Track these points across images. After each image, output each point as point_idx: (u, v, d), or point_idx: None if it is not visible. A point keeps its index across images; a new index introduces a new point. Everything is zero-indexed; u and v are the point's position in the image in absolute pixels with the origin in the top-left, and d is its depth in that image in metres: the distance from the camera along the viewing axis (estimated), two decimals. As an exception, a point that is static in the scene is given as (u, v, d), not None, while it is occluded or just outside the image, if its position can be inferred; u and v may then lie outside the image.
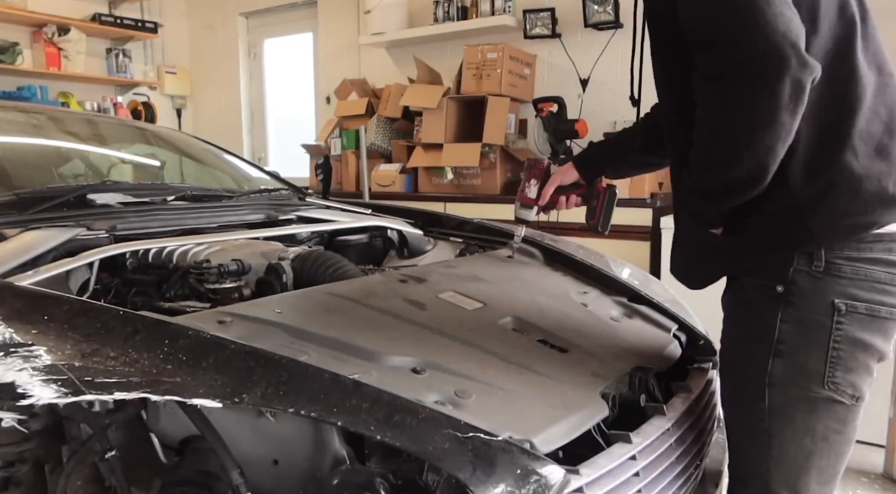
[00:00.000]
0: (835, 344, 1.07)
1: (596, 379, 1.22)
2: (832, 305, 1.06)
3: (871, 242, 1.05)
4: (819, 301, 1.07)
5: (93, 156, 2.53)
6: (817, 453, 1.11)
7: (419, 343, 1.21)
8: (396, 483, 0.92)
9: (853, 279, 1.06)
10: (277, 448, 0.99)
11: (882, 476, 2.66)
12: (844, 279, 1.06)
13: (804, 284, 1.08)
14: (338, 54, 5.16)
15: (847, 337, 1.07)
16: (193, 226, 1.79)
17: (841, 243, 1.06)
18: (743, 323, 1.18)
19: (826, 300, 1.07)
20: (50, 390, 0.88)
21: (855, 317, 1.06)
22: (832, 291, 1.06)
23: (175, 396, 0.88)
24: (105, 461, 1.03)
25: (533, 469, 0.87)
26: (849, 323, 1.06)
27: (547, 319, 1.44)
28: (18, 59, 4.89)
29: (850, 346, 1.07)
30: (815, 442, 1.11)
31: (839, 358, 1.07)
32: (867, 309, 1.07)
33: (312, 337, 1.15)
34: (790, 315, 1.09)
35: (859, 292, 1.06)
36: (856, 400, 1.10)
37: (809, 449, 1.11)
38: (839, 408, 1.09)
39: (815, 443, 1.11)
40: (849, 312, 1.06)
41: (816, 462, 1.12)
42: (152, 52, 5.87)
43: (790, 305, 1.09)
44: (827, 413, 1.10)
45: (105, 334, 1.00)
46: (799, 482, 1.13)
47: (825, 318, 1.07)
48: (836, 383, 1.08)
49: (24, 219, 1.55)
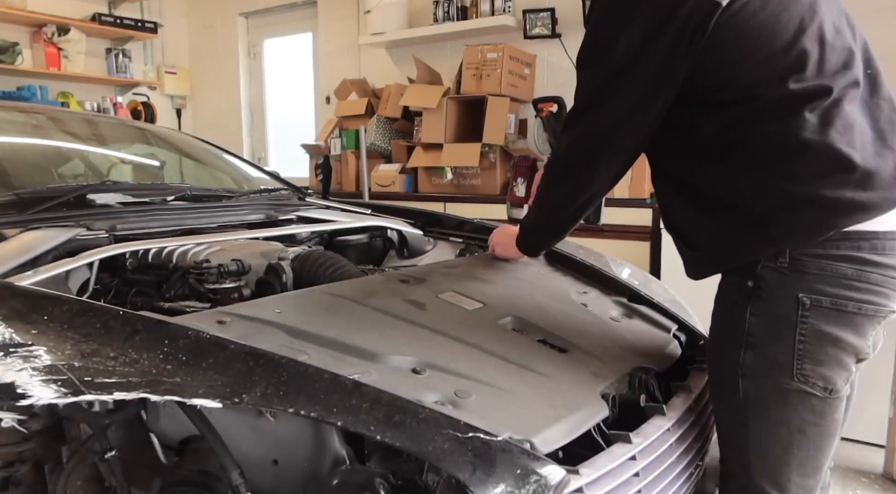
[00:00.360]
0: (801, 336, 1.09)
1: (596, 379, 1.22)
2: (797, 299, 1.09)
3: (838, 240, 1.07)
4: (785, 295, 1.10)
5: (93, 156, 2.53)
6: (795, 445, 1.13)
7: (419, 343, 1.21)
8: (396, 483, 0.92)
9: (818, 275, 1.08)
10: (277, 449, 0.99)
11: (882, 477, 2.66)
12: (810, 275, 1.09)
13: (771, 279, 1.11)
14: (338, 54, 5.16)
15: (813, 331, 1.09)
16: (193, 226, 1.79)
17: (804, 245, 1.09)
18: (720, 318, 1.22)
19: (791, 294, 1.10)
20: (50, 390, 0.88)
21: (820, 311, 1.09)
22: (797, 286, 1.09)
23: (175, 396, 0.88)
24: (105, 461, 1.03)
25: (533, 469, 0.87)
26: (814, 316, 1.09)
27: (547, 319, 1.44)
28: (18, 59, 4.89)
29: (817, 339, 1.09)
30: (791, 435, 1.13)
31: (806, 350, 1.10)
32: (832, 303, 1.08)
33: (312, 337, 1.15)
34: (759, 308, 1.13)
35: (825, 287, 1.08)
36: (829, 393, 1.11)
37: (787, 441, 1.14)
38: (813, 401, 1.11)
39: (791, 435, 1.13)
40: (813, 306, 1.09)
41: (796, 453, 1.14)
42: (152, 52, 5.87)
43: (759, 299, 1.13)
44: (801, 405, 1.12)
45: (105, 334, 1.00)
46: (779, 474, 1.15)
47: (790, 312, 1.10)
48: (805, 375, 1.10)
49: (23, 219, 1.55)
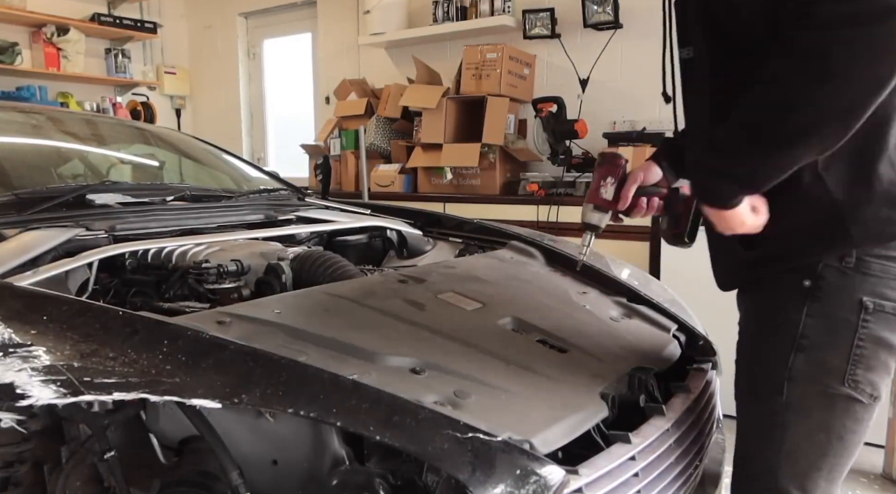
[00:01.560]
0: (859, 341, 1.06)
1: (595, 380, 1.22)
2: (860, 303, 1.06)
3: None
4: (847, 298, 1.06)
5: (92, 157, 2.53)
6: (832, 451, 1.11)
7: (418, 343, 1.21)
8: (396, 483, 0.92)
9: (882, 277, 1.05)
10: (277, 449, 0.99)
11: (881, 477, 2.66)
12: (874, 277, 1.05)
13: (833, 280, 1.07)
14: (337, 54, 5.16)
15: (871, 336, 1.06)
16: (193, 226, 1.79)
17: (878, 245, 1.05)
18: (765, 316, 1.16)
19: (854, 297, 1.06)
20: (49, 390, 0.87)
21: (881, 316, 1.06)
22: (861, 289, 1.06)
23: (174, 396, 0.88)
24: (104, 461, 1.02)
25: (532, 469, 0.87)
26: (875, 321, 1.06)
27: (546, 319, 1.44)
28: (18, 60, 4.89)
29: (874, 345, 1.07)
30: (829, 440, 1.10)
31: (861, 356, 1.07)
32: (894, 308, 1.06)
33: (311, 337, 1.14)
34: (816, 310, 1.08)
35: (888, 291, 1.06)
36: (874, 399, 1.10)
37: (823, 447, 1.11)
38: (857, 407, 1.09)
39: (829, 441, 1.10)
40: (876, 311, 1.06)
41: (830, 460, 1.11)
42: (151, 53, 5.87)
43: (817, 300, 1.08)
44: (844, 411, 1.09)
45: (104, 334, 1.00)
46: (808, 479, 1.12)
47: (852, 315, 1.06)
48: (856, 381, 1.07)
49: (23, 219, 1.55)
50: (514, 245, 1.99)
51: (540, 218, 3.52)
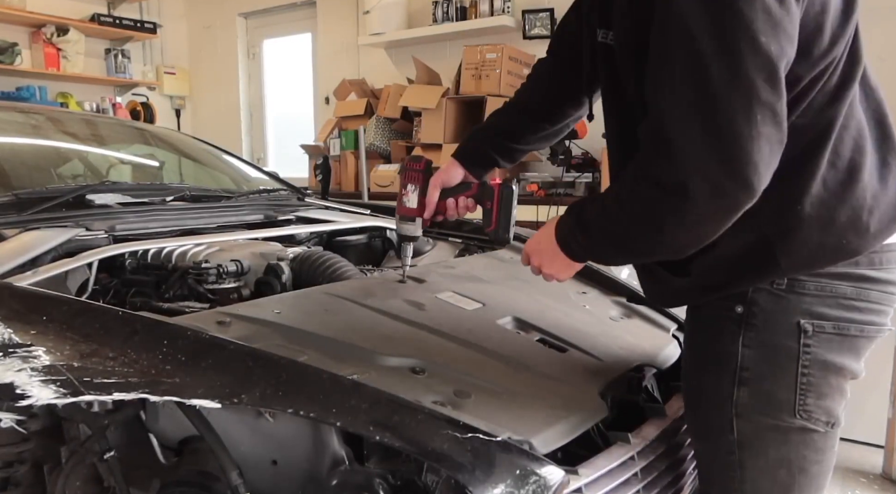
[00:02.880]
0: (803, 369, 0.98)
1: (595, 380, 1.22)
2: (797, 326, 0.97)
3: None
4: (783, 321, 0.98)
5: (92, 157, 2.53)
6: (796, 486, 1.03)
7: (418, 343, 1.21)
8: (395, 483, 0.92)
9: (818, 295, 0.97)
10: (276, 449, 0.99)
11: (881, 477, 2.66)
12: (809, 296, 0.97)
13: (765, 304, 0.99)
14: (337, 55, 5.16)
15: (816, 361, 0.98)
16: (192, 226, 1.79)
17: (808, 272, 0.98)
18: (702, 348, 1.08)
19: (790, 320, 0.98)
20: (49, 390, 0.88)
21: (823, 338, 0.98)
22: (796, 310, 0.98)
23: (174, 396, 0.88)
24: (104, 461, 1.03)
25: (532, 469, 0.87)
26: (817, 344, 0.98)
27: (546, 319, 1.44)
28: (17, 60, 4.89)
29: (821, 370, 0.98)
30: (791, 475, 1.02)
31: (809, 384, 0.98)
32: (835, 327, 0.98)
33: (311, 337, 1.14)
34: (752, 338, 1.00)
35: (826, 310, 0.97)
36: (831, 426, 1.01)
37: (786, 483, 1.03)
38: (815, 437, 1.01)
39: (792, 476, 1.02)
40: (816, 333, 0.97)
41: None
42: (151, 53, 5.87)
43: (752, 328, 1.00)
44: (802, 443, 1.01)
45: (104, 334, 1.00)
46: None
47: (790, 341, 0.98)
48: (808, 411, 0.99)
49: (23, 219, 1.55)
50: (514, 245, 1.99)
51: (540, 218, 3.52)
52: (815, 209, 0.94)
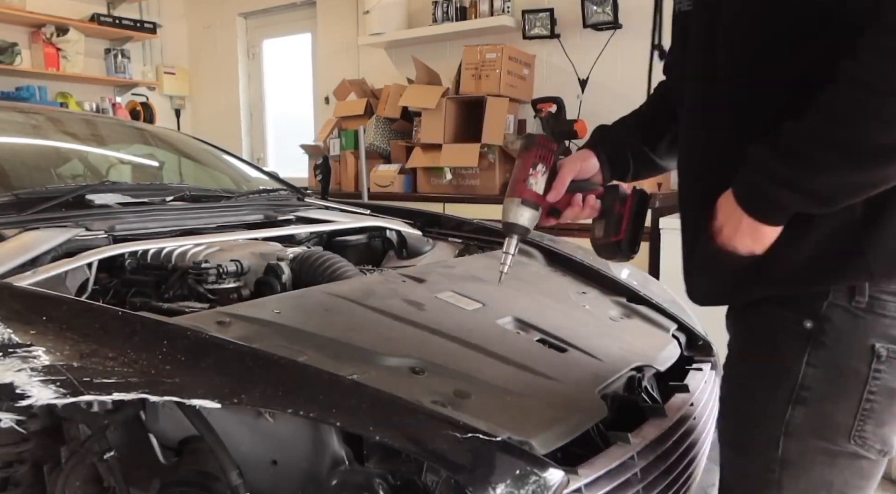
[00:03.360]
0: (869, 395, 0.90)
1: (595, 380, 1.22)
2: (872, 350, 0.89)
3: None
4: (856, 344, 0.90)
5: (91, 157, 2.53)
6: None
7: (418, 343, 1.21)
8: (395, 483, 0.92)
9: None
10: (276, 449, 0.99)
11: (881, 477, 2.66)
12: (888, 318, 0.88)
13: (840, 322, 0.90)
14: (337, 55, 5.16)
15: (884, 388, 0.90)
16: (192, 226, 1.79)
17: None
18: (757, 358, 0.99)
19: (865, 343, 0.89)
20: (48, 390, 0.88)
21: (895, 364, 0.90)
22: (873, 332, 0.89)
23: (174, 396, 0.88)
24: (104, 461, 1.03)
25: (532, 469, 0.87)
26: (888, 370, 0.90)
27: (546, 319, 1.44)
28: (17, 60, 4.89)
29: (887, 397, 0.91)
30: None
31: (872, 410, 0.91)
32: None
33: (311, 337, 1.14)
34: (820, 357, 0.91)
35: None
36: (883, 455, 0.95)
37: None
38: (864, 464, 0.95)
39: None
40: (890, 358, 0.89)
41: None
42: (151, 53, 5.87)
43: (821, 346, 0.91)
44: (848, 468, 0.95)
45: (104, 334, 1.00)
46: None
47: (861, 364, 0.90)
48: (864, 438, 0.92)
49: (22, 219, 1.55)
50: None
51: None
52: None
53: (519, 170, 1.10)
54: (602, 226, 1.13)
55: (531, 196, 1.08)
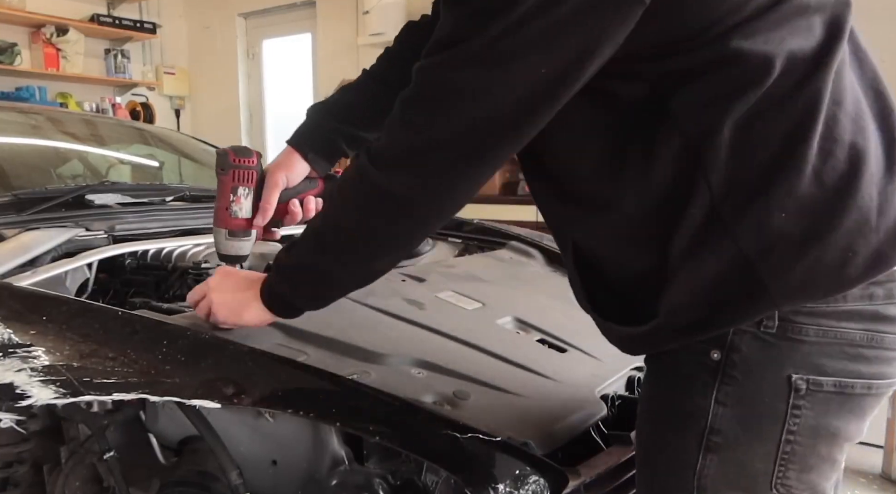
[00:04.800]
0: (788, 436, 0.77)
1: (595, 379, 1.22)
2: (788, 382, 0.75)
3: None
4: (770, 375, 0.76)
5: (91, 157, 2.53)
6: None
7: (418, 343, 1.21)
8: (395, 483, 0.92)
9: (819, 343, 0.75)
10: (276, 449, 0.99)
11: (880, 477, 2.66)
12: (806, 343, 0.75)
13: (750, 352, 0.76)
14: (336, 55, 5.16)
15: (807, 427, 0.76)
16: (192, 226, 1.79)
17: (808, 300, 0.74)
18: (664, 399, 0.85)
19: (780, 374, 0.75)
20: (48, 391, 0.87)
21: (819, 398, 0.76)
22: (788, 361, 0.75)
23: (174, 397, 0.88)
24: (103, 461, 1.03)
25: (531, 469, 0.87)
26: (809, 406, 0.76)
27: (546, 319, 1.44)
28: (17, 60, 4.89)
29: (811, 438, 0.77)
30: None
31: (794, 453, 0.77)
32: (836, 385, 0.76)
33: (311, 336, 1.14)
34: (728, 394, 0.78)
35: (826, 361, 0.75)
36: None
37: None
38: None
39: None
40: (811, 391, 0.75)
41: None
42: (151, 53, 5.87)
43: (729, 380, 0.77)
44: None
45: (104, 334, 1.00)
46: None
47: (777, 400, 0.76)
48: (788, 486, 0.79)
49: (22, 219, 1.55)
50: (514, 245, 1.99)
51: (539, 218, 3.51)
52: (808, 214, 0.72)
53: (220, 196, 1.04)
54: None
55: (238, 225, 1.05)
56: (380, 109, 1.03)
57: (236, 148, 1.03)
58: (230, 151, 1.02)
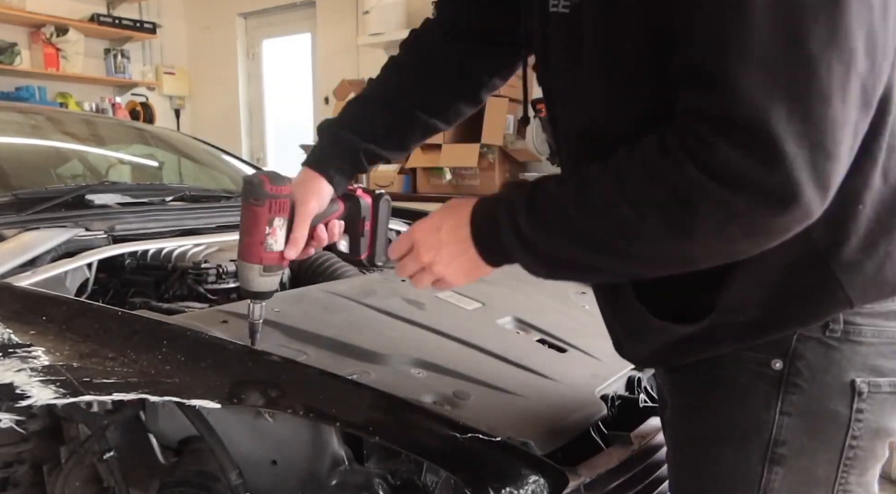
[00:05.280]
0: (852, 440, 0.75)
1: (594, 379, 1.22)
2: (851, 386, 0.74)
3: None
4: (834, 381, 0.74)
5: (91, 157, 2.53)
6: None
7: (418, 343, 1.21)
8: (395, 483, 0.92)
9: (875, 344, 0.74)
10: (276, 449, 0.99)
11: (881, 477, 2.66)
12: (865, 345, 0.74)
13: (814, 358, 0.74)
14: (336, 55, 5.16)
15: (868, 429, 0.75)
16: (192, 226, 1.79)
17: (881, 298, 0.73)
18: (716, 415, 0.80)
19: (843, 378, 0.74)
20: (48, 391, 0.88)
21: (877, 399, 0.75)
22: (851, 364, 0.74)
23: (174, 397, 0.88)
24: (103, 461, 1.03)
25: (531, 469, 0.87)
26: (871, 408, 0.75)
27: (546, 319, 1.44)
28: (17, 60, 4.89)
29: (871, 440, 0.76)
30: None
31: (856, 457, 0.76)
32: (891, 384, 0.75)
33: (311, 336, 1.15)
34: (794, 403, 0.75)
35: (883, 362, 0.74)
36: None
37: None
38: None
39: None
40: (871, 394, 0.74)
41: None
42: (151, 53, 5.86)
43: (795, 390, 0.75)
44: None
45: (103, 335, 1.00)
46: None
47: (841, 406, 0.74)
48: (848, 490, 0.78)
49: (22, 219, 1.55)
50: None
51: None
52: (878, 208, 0.71)
53: (252, 228, 0.94)
54: (346, 244, 1.03)
55: (273, 259, 0.94)
56: (396, 124, 1.03)
57: (272, 175, 0.95)
58: (266, 180, 0.93)
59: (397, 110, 1.04)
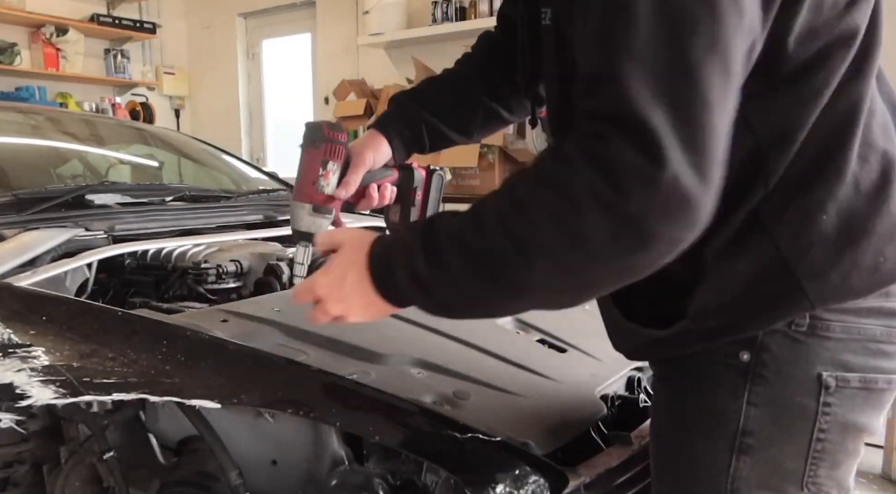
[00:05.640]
0: (819, 433, 0.77)
1: (594, 379, 1.22)
2: (818, 380, 0.76)
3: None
4: (800, 374, 0.77)
5: (91, 157, 2.53)
6: None
7: (417, 343, 1.21)
8: (395, 483, 0.92)
9: (843, 340, 0.76)
10: (276, 449, 0.99)
11: (880, 477, 2.66)
12: (833, 340, 0.76)
13: (780, 351, 0.76)
14: (336, 55, 5.16)
15: (836, 423, 0.78)
16: (192, 226, 1.79)
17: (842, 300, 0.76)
18: (688, 404, 0.83)
19: (810, 372, 0.76)
20: (48, 391, 0.88)
21: (846, 394, 0.77)
22: (818, 359, 0.76)
23: (174, 397, 0.88)
24: (103, 461, 1.03)
25: (531, 469, 0.87)
26: (839, 403, 0.77)
27: (546, 319, 1.44)
28: (17, 60, 4.89)
29: (840, 434, 0.78)
30: None
31: (824, 451, 0.78)
32: (861, 380, 0.77)
33: (311, 336, 1.14)
34: (760, 394, 0.77)
35: (851, 358, 0.77)
36: None
37: None
38: None
39: None
40: (839, 388, 0.77)
41: None
42: (151, 53, 5.87)
43: (761, 381, 0.77)
44: None
45: (103, 335, 1.00)
46: None
47: (808, 398, 0.77)
48: (818, 483, 0.79)
49: (22, 219, 1.55)
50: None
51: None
52: (845, 218, 0.73)
53: (307, 169, 0.96)
54: (398, 212, 1.05)
55: (323, 200, 0.96)
56: (461, 102, 1.07)
57: (329, 122, 0.99)
58: (324, 125, 0.96)
59: (463, 89, 1.08)
